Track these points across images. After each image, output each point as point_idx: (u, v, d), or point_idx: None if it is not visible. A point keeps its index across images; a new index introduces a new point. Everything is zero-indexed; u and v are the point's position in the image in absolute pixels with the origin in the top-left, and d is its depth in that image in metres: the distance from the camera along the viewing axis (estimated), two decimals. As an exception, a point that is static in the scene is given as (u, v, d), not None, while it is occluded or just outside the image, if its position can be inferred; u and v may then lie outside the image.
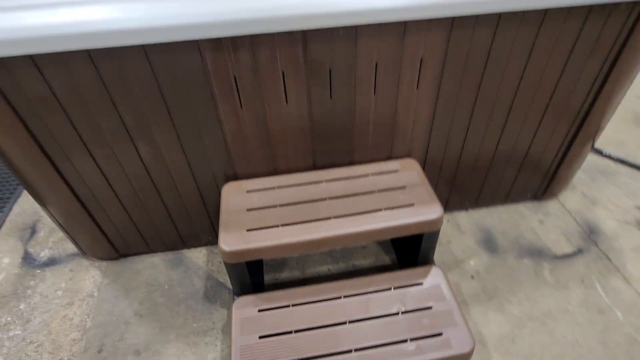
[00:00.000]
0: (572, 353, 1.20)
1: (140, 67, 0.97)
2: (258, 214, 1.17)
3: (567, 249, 1.47)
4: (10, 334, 1.26)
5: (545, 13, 1.04)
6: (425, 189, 1.22)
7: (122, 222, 1.34)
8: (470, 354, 1.03)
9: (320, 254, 1.46)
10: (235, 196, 1.23)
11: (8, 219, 1.61)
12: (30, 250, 1.50)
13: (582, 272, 1.40)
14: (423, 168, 1.39)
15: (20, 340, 1.25)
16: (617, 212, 1.59)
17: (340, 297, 1.15)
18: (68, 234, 1.38)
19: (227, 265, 1.14)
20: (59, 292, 1.37)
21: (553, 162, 1.48)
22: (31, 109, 1.00)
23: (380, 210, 1.16)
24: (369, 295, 1.15)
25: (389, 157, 1.32)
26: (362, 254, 1.47)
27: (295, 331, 1.08)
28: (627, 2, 1.06)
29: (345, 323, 1.09)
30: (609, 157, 1.84)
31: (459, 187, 1.50)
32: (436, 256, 1.45)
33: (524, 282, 1.37)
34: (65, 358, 1.20)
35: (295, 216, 1.16)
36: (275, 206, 1.19)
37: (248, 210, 1.18)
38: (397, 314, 1.10)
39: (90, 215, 1.30)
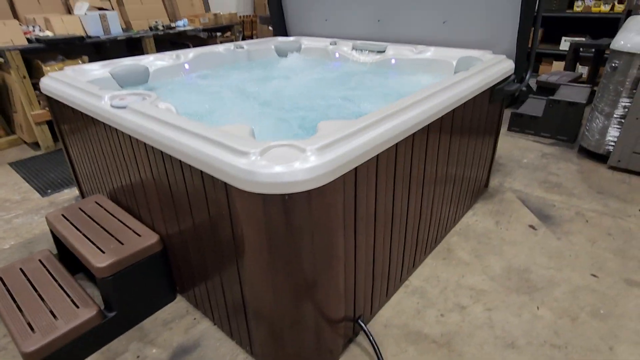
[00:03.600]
0: None
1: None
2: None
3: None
4: (11, 213, 2.45)
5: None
6: (129, 249, 1.60)
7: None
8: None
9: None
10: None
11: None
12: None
13: None
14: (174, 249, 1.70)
15: (6, 221, 2.40)
16: None
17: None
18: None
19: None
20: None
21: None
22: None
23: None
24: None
25: (151, 227, 1.74)
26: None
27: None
28: (221, 180, 1.16)
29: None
30: None
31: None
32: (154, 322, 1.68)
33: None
34: (22, 240, 2.24)
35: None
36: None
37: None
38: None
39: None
